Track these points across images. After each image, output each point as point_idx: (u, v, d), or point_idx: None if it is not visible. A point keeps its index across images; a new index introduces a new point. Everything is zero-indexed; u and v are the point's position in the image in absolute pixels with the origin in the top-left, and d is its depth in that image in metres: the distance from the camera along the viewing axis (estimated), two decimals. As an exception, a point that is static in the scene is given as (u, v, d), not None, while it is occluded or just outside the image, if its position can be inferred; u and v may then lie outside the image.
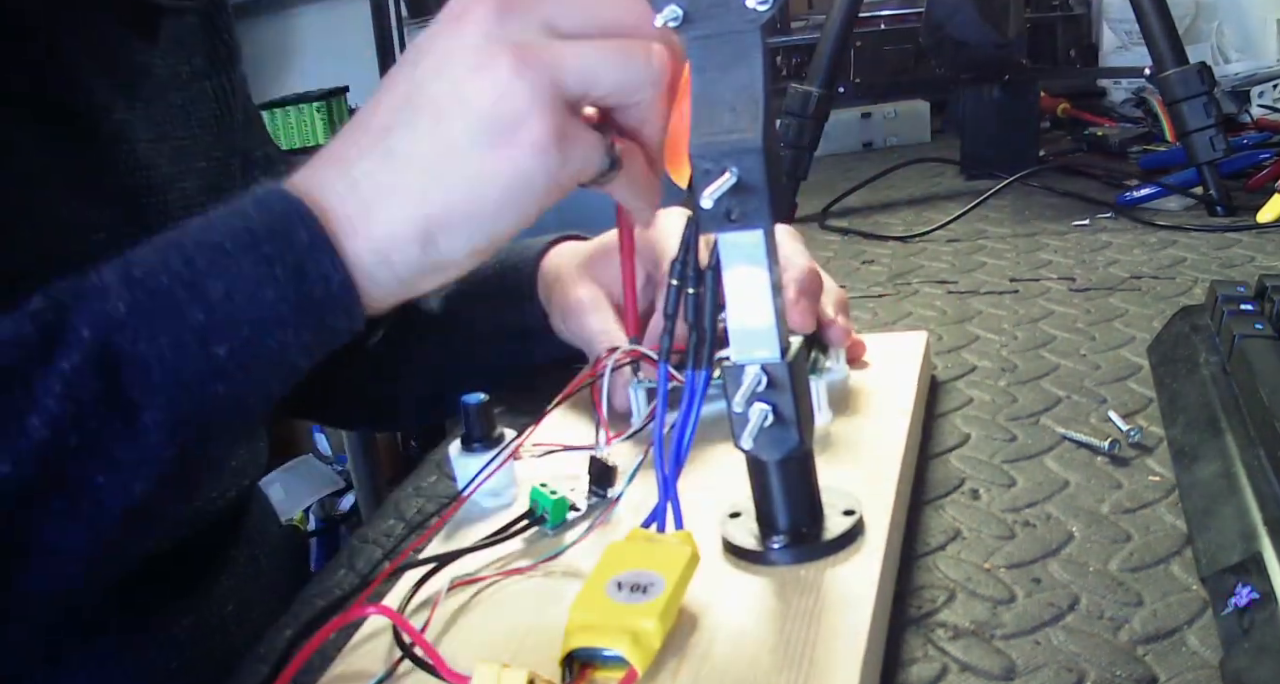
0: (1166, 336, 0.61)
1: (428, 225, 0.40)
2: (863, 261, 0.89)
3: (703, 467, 0.49)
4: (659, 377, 0.41)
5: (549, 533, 0.46)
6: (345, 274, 0.40)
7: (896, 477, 0.47)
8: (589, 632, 0.36)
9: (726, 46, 0.38)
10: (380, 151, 0.40)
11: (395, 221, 0.40)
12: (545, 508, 0.46)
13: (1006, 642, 0.39)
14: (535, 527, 0.46)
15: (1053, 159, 1.15)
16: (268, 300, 0.39)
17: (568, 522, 0.47)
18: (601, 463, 0.48)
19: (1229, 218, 0.89)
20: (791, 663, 0.35)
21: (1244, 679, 0.34)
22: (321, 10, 2.27)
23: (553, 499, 0.46)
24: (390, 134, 0.40)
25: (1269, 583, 0.36)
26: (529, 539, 0.46)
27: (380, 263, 0.40)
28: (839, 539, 0.42)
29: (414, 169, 0.40)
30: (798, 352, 0.40)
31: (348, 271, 0.40)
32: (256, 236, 0.39)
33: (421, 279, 0.41)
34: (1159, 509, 0.46)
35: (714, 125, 0.37)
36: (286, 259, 0.39)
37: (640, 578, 0.37)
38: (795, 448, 0.40)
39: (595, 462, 0.48)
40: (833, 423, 0.52)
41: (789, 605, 0.39)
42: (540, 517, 0.46)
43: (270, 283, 0.39)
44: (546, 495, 0.46)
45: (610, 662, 0.35)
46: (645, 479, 0.47)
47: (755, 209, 0.37)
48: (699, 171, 0.37)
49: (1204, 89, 0.91)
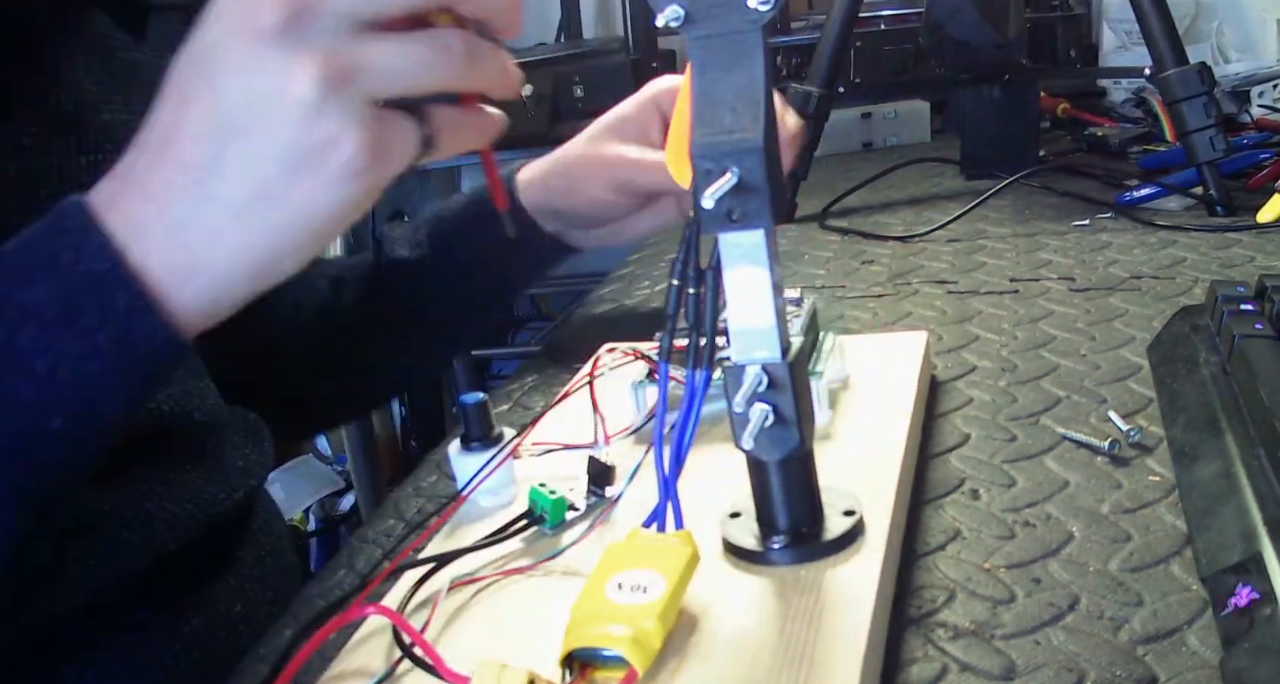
0: (1166, 336, 0.61)
1: (254, 267, 0.40)
2: (863, 262, 0.89)
3: (702, 467, 0.49)
4: (659, 376, 0.41)
5: (548, 533, 0.46)
6: (170, 330, 0.39)
7: (896, 477, 0.47)
8: (589, 632, 0.36)
9: (728, 46, 0.38)
10: (195, 194, 0.39)
11: (220, 271, 0.39)
12: (544, 508, 0.46)
13: (1006, 642, 0.39)
14: (534, 526, 0.46)
15: (1053, 159, 1.15)
16: (93, 372, 0.38)
17: (567, 522, 0.47)
18: (600, 463, 0.48)
19: (1229, 218, 0.89)
20: (791, 663, 0.35)
21: (1244, 679, 0.34)
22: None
23: (551, 499, 0.46)
24: (202, 171, 0.38)
25: (1269, 583, 0.36)
26: (528, 539, 0.46)
27: (208, 305, 0.40)
28: (839, 539, 0.42)
29: (232, 212, 0.39)
30: (799, 351, 0.40)
31: (172, 326, 0.39)
32: (74, 305, 0.38)
33: (250, 297, 0.41)
34: (1159, 509, 0.46)
35: (715, 125, 0.37)
36: (107, 329, 0.38)
37: (640, 578, 0.37)
38: (796, 448, 0.40)
39: (594, 461, 0.48)
40: (832, 423, 0.52)
41: (789, 605, 0.39)
42: (539, 516, 0.46)
43: (95, 356, 0.38)
44: (545, 495, 0.46)
45: (610, 662, 0.35)
46: (645, 479, 0.47)
47: (756, 209, 0.37)
48: (700, 172, 0.37)
49: (1204, 89, 0.91)
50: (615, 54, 2.03)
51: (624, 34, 2.01)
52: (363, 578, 0.48)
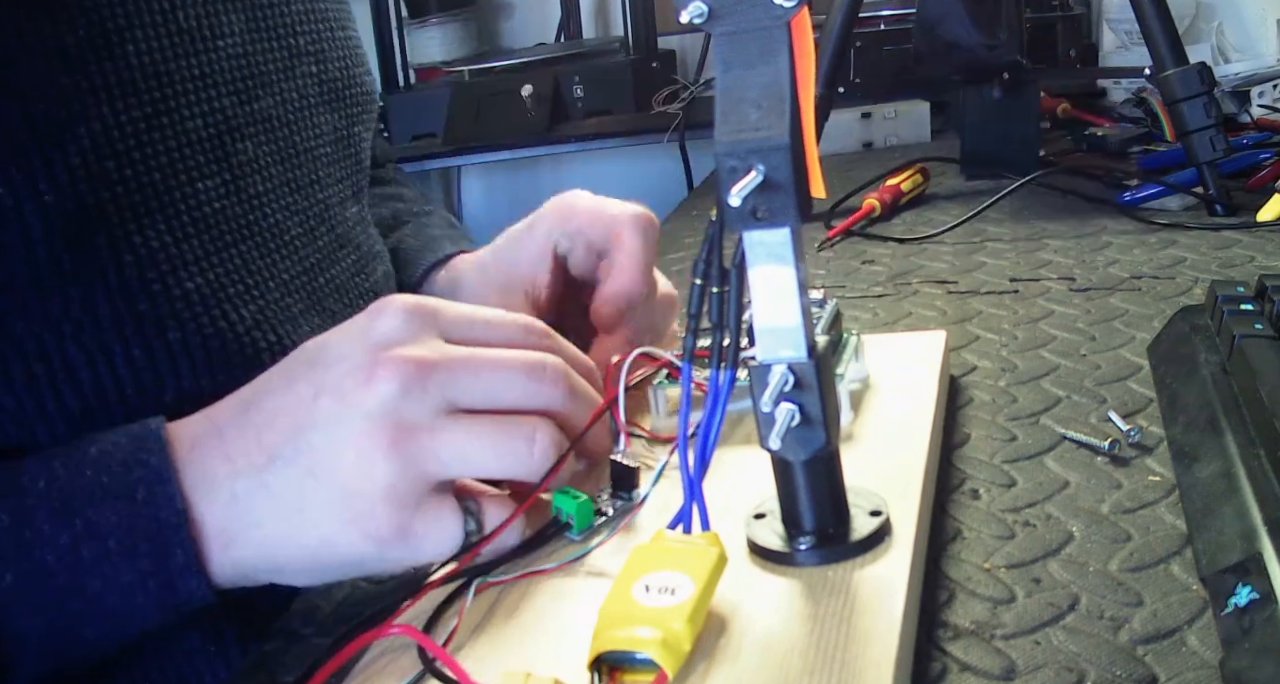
0: (1166, 337, 0.61)
1: (278, 565, 0.43)
2: (863, 262, 0.89)
3: (725, 467, 0.49)
4: (683, 377, 0.41)
5: (575, 539, 0.45)
6: (208, 590, 0.42)
7: (921, 477, 0.46)
8: (617, 635, 0.35)
9: (753, 43, 0.37)
10: (259, 481, 0.42)
11: (251, 554, 0.42)
12: (570, 513, 0.45)
13: (1006, 642, 0.39)
14: (561, 534, 0.45)
15: (1053, 159, 1.15)
16: (137, 603, 0.41)
17: (594, 526, 0.45)
18: (623, 465, 0.47)
19: (1229, 218, 0.89)
20: (823, 665, 0.35)
21: (1244, 679, 0.34)
22: (321, 10, 2.27)
23: (577, 502, 0.45)
24: (272, 465, 0.42)
25: (1269, 583, 0.36)
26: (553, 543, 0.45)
27: (235, 576, 0.43)
28: (866, 540, 0.41)
29: (278, 514, 0.42)
30: (824, 350, 0.40)
31: (211, 586, 0.42)
32: (136, 544, 0.41)
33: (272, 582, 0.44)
34: (1159, 509, 0.46)
35: (740, 122, 0.37)
36: (160, 575, 0.41)
37: (668, 580, 0.37)
38: (822, 448, 0.40)
39: (616, 465, 0.47)
40: (855, 423, 0.52)
41: (818, 607, 0.38)
42: (565, 523, 0.45)
43: (141, 591, 0.41)
44: (570, 499, 0.45)
45: (640, 665, 0.35)
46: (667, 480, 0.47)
47: (782, 207, 0.37)
48: (725, 169, 0.37)
49: (1204, 89, 0.91)
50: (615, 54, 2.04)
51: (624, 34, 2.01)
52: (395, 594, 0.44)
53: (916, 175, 1.07)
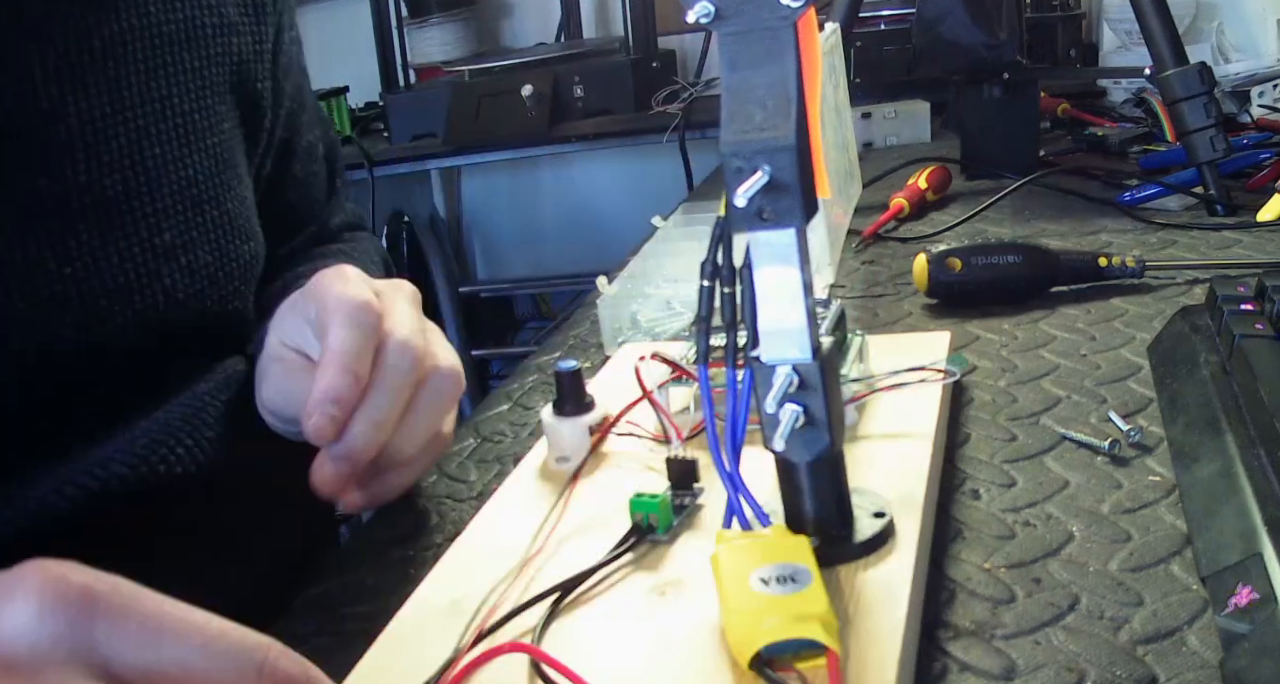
0: (1166, 336, 0.61)
1: None
2: (863, 262, 0.89)
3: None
4: (699, 379, 0.41)
5: (663, 540, 0.44)
6: None
7: (925, 478, 0.46)
8: (769, 627, 0.35)
9: (759, 42, 0.37)
10: None
11: None
12: (652, 514, 0.43)
13: (1006, 642, 0.39)
14: (647, 539, 0.44)
15: (1053, 159, 1.15)
16: None
17: (674, 524, 0.44)
18: (682, 460, 0.46)
19: (1229, 218, 0.89)
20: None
21: (1244, 679, 0.34)
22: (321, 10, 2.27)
23: (656, 502, 0.43)
24: None
25: (1269, 583, 0.36)
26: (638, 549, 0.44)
27: None
28: (870, 541, 0.41)
29: None
30: (829, 351, 0.39)
31: None
32: None
33: None
34: (1159, 509, 0.46)
35: (746, 123, 0.37)
36: None
37: (781, 570, 0.37)
38: (826, 450, 0.40)
39: (674, 462, 0.46)
40: (858, 424, 0.52)
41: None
42: (649, 526, 0.44)
43: None
44: (649, 502, 0.43)
45: (803, 651, 0.35)
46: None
47: (788, 208, 0.37)
48: (731, 170, 0.37)
49: (1204, 89, 0.91)
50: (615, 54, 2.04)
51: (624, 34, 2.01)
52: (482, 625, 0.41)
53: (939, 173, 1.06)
